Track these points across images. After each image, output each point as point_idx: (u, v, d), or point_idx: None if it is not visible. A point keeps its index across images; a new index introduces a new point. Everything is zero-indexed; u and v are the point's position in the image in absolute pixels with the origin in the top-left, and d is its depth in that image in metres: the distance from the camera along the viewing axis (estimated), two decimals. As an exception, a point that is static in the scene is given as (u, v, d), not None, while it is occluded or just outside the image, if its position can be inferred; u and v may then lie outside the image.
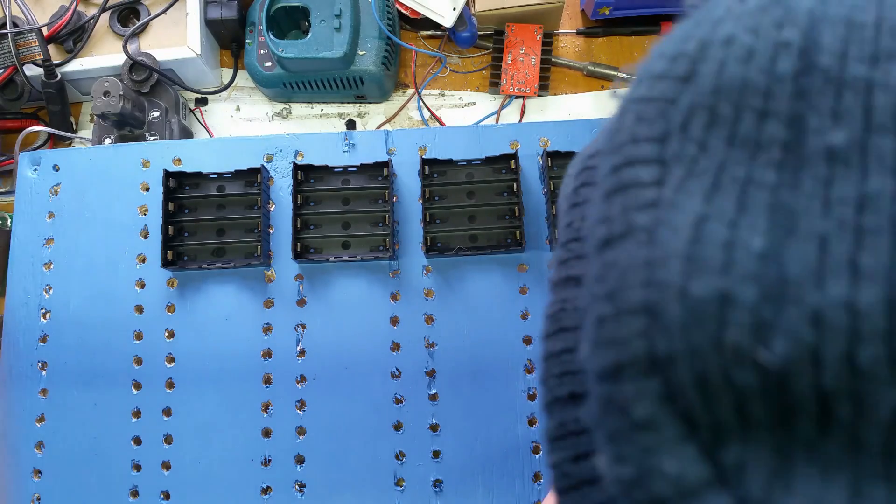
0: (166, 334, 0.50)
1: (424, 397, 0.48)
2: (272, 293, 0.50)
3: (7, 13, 0.60)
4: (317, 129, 0.65)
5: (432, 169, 0.52)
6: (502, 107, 0.64)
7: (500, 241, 0.50)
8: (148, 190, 0.53)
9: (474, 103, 0.65)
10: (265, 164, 0.53)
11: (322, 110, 0.66)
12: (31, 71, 0.61)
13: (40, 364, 0.50)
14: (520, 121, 0.64)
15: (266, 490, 0.47)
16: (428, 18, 0.62)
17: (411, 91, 0.65)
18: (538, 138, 0.52)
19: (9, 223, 0.60)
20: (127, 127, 0.59)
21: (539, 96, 0.64)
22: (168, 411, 0.49)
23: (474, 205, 0.51)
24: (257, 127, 0.66)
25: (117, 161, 0.54)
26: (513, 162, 0.50)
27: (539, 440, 0.47)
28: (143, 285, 0.51)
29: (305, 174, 0.51)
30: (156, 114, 0.60)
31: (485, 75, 0.65)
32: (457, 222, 0.51)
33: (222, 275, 0.51)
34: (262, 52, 0.62)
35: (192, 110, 0.66)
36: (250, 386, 0.49)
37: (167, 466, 0.48)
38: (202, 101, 0.66)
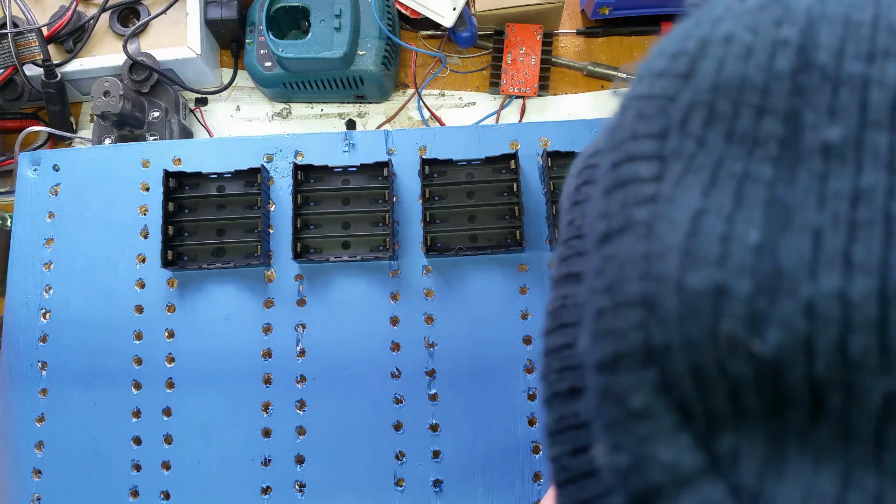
0: (166, 334, 0.50)
1: (424, 397, 0.48)
2: (272, 293, 0.50)
3: (7, 13, 0.60)
4: (317, 129, 0.65)
5: (432, 169, 0.52)
6: (502, 107, 0.64)
7: (500, 241, 0.50)
8: (148, 190, 0.53)
9: (474, 103, 0.65)
10: (265, 164, 0.53)
11: (322, 110, 0.66)
12: (31, 71, 0.61)
13: (40, 364, 0.50)
14: (520, 121, 0.64)
15: (266, 490, 0.47)
16: (428, 18, 0.62)
17: (411, 91, 0.65)
18: (538, 138, 0.52)
19: (9, 223, 0.60)
20: (127, 127, 0.59)
21: (539, 96, 0.64)
22: (168, 411, 0.49)
23: (474, 205, 0.51)
24: (257, 127, 0.66)
25: (117, 161, 0.54)
26: (513, 162, 0.50)
27: (539, 440, 0.47)
28: (143, 285, 0.51)
29: (305, 174, 0.51)
30: (156, 114, 0.60)
31: (485, 75, 0.65)
32: (457, 222, 0.51)
33: (222, 275, 0.51)
34: (262, 52, 0.62)
35: (192, 110, 0.66)
36: (250, 386, 0.49)
37: (167, 466, 0.48)
38: (202, 101, 0.66)
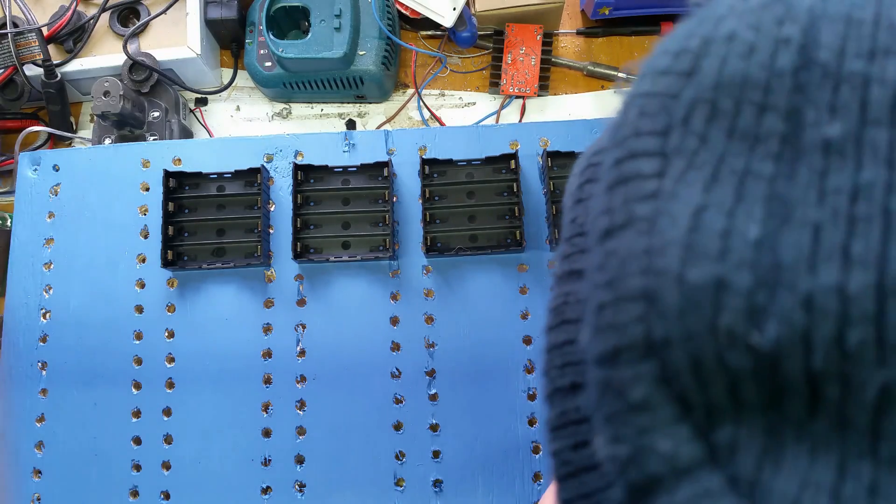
0: (166, 334, 0.50)
1: (424, 397, 0.48)
2: (272, 293, 0.50)
3: (7, 13, 0.60)
4: (317, 129, 0.65)
5: (432, 169, 0.52)
6: (502, 107, 0.64)
7: (500, 241, 0.50)
8: (148, 190, 0.53)
9: (474, 103, 0.65)
10: (265, 164, 0.53)
11: (322, 110, 0.66)
12: (31, 71, 0.61)
13: (40, 364, 0.50)
14: (520, 121, 0.64)
15: (266, 490, 0.47)
16: (428, 18, 0.62)
17: (411, 91, 0.65)
18: (538, 138, 0.52)
19: (9, 223, 0.60)
20: (127, 127, 0.59)
21: (539, 96, 0.64)
22: (168, 411, 0.49)
23: (474, 205, 0.51)
24: (257, 127, 0.66)
25: (117, 161, 0.54)
26: (513, 162, 0.50)
27: (539, 440, 0.47)
28: (143, 285, 0.51)
29: (305, 174, 0.51)
30: (156, 114, 0.60)
31: (485, 75, 0.65)
32: (457, 222, 0.51)
33: (222, 275, 0.51)
34: (262, 52, 0.62)
35: (192, 110, 0.66)
36: (250, 386, 0.49)
37: (167, 466, 0.48)
38: (202, 101, 0.66)
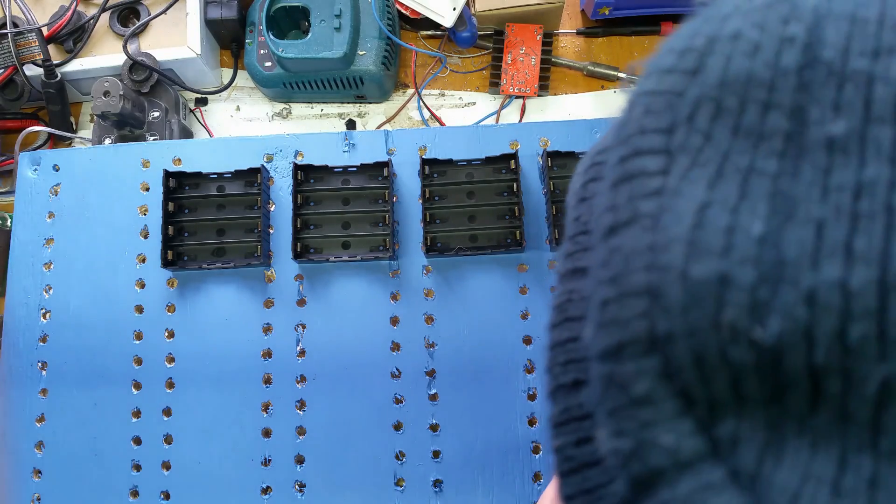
0: (166, 334, 0.50)
1: (424, 397, 0.48)
2: (272, 293, 0.50)
3: (7, 13, 0.60)
4: (317, 129, 0.65)
5: (432, 169, 0.52)
6: (502, 107, 0.64)
7: (500, 241, 0.50)
8: (148, 190, 0.53)
9: (474, 103, 0.65)
10: (265, 164, 0.53)
11: (322, 110, 0.66)
12: (31, 71, 0.61)
13: (40, 364, 0.50)
14: (520, 121, 0.64)
15: (266, 490, 0.47)
16: (428, 18, 0.62)
17: (411, 91, 0.65)
18: (538, 138, 0.52)
19: (9, 223, 0.60)
20: (127, 127, 0.59)
21: (539, 96, 0.64)
22: (168, 411, 0.49)
23: (474, 205, 0.51)
24: (257, 127, 0.66)
25: (117, 161, 0.54)
26: (513, 162, 0.50)
27: (539, 440, 0.47)
28: (143, 285, 0.51)
29: (305, 174, 0.51)
30: (156, 114, 0.60)
31: (485, 75, 0.65)
32: (457, 222, 0.51)
33: (222, 275, 0.51)
34: (262, 52, 0.62)
35: (192, 110, 0.66)
36: (250, 386, 0.49)
37: (167, 466, 0.48)
38: (202, 101, 0.66)
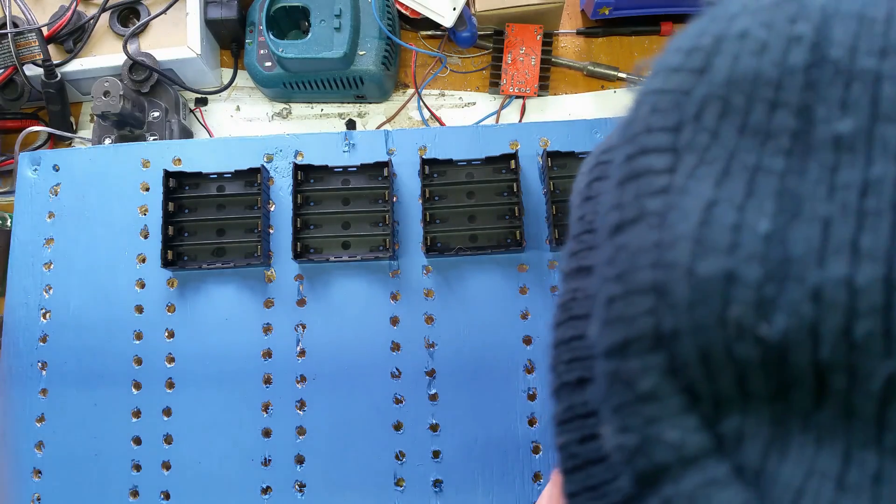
0: (166, 334, 0.50)
1: (424, 397, 0.48)
2: (272, 293, 0.50)
3: (7, 13, 0.60)
4: (317, 129, 0.65)
5: (432, 169, 0.52)
6: (502, 107, 0.64)
7: (500, 241, 0.50)
8: (148, 190, 0.53)
9: (474, 103, 0.65)
10: (265, 164, 0.53)
11: (322, 110, 0.66)
12: (31, 71, 0.61)
13: (40, 364, 0.50)
14: (520, 121, 0.64)
15: (266, 490, 0.47)
16: (428, 18, 0.62)
17: (411, 91, 0.65)
18: (538, 138, 0.52)
19: (9, 223, 0.60)
20: (127, 127, 0.59)
21: (539, 96, 0.64)
22: (168, 411, 0.49)
23: (474, 205, 0.51)
24: (257, 127, 0.66)
25: (117, 161, 0.54)
26: (513, 162, 0.50)
27: (539, 440, 0.47)
28: (143, 285, 0.51)
29: (305, 174, 0.51)
30: (156, 114, 0.60)
31: (485, 75, 0.65)
32: (457, 222, 0.51)
33: (222, 275, 0.51)
34: (262, 52, 0.62)
35: (192, 110, 0.66)
36: (250, 386, 0.49)
37: (167, 466, 0.48)
38: (202, 101, 0.66)
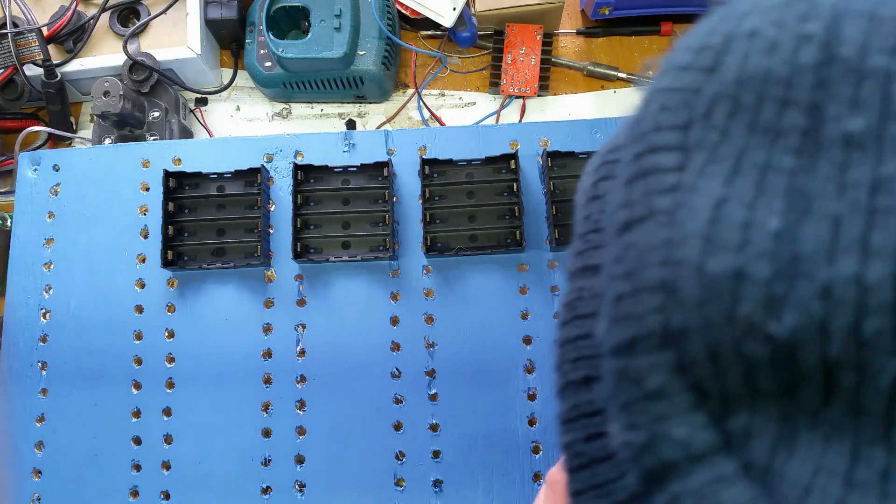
0: (166, 334, 0.50)
1: (424, 397, 0.48)
2: (272, 293, 0.50)
3: (7, 13, 0.60)
4: (317, 129, 0.65)
5: (432, 169, 0.52)
6: (502, 107, 0.64)
7: (500, 241, 0.50)
8: (148, 190, 0.53)
9: (474, 103, 0.65)
10: (265, 164, 0.53)
11: (322, 110, 0.66)
12: (31, 71, 0.61)
13: (40, 364, 0.50)
14: (520, 121, 0.64)
15: (266, 490, 0.47)
16: (428, 18, 0.62)
17: (411, 91, 0.65)
18: (538, 138, 0.52)
19: (9, 223, 0.60)
20: (127, 127, 0.59)
21: (539, 96, 0.64)
22: (168, 411, 0.49)
23: (474, 205, 0.51)
24: (257, 127, 0.66)
25: (117, 161, 0.54)
26: (513, 162, 0.50)
27: (539, 440, 0.47)
28: (143, 285, 0.51)
29: (305, 174, 0.51)
30: (156, 114, 0.60)
31: (485, 75, 0.65)
32: (457, 222, 0.51)
33: (222, 275, 0.51)
34: (262, 52, 0.62)
35: (192, 110, 0.66)
36: (250, 386, 0.49)
37: (167, 466, 0.48)
38: (202, 101, 0.66)
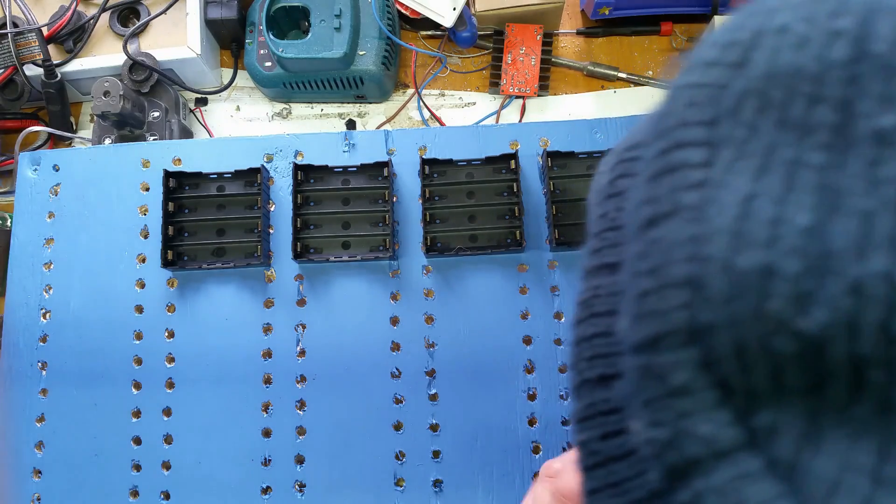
0: (166, 334, 0.50)
1: (424, 397, 0.48)
2: (272, 293, 0.50)
3: (7, 13, 0.60)
4: (317, 129, 0.65)
5: (432, 169, 0.52)
6: (502, 107, 0.64)
7: (500, 241, 0.50)
8: (148, 190, 0.53)
9: (474, 103, 0.65)
10: (265, 164, 0.53)
11: (322, 110, 0.66)
12: (31, 71, 0.61)
13: (40, 364, 0.50)
14: (520, 121, 0.64)
15: (266, 490, 0.47)
16: (428, 18, 0.62)
17: (411, 91, 0.65)
18: (538, 138, 0.52)
19: (9, 223, 0.60)
20: (127, 127, 0.59)
21: (539, 96, 0.64)
22: (168, 411, 0.49)
23: (474, 205, 0.51)
24: (257, 127, 0.66)
25: (117, 161, 0.54)
26: (513, 162, 0.50)
27: (539, 440, 0.47)
28: (143, 285, 0.51)
29: (305, 174, 0.51)
30: (156, 114, 0.60)
31: (485, 75, 0.65)
32: (457, 222, 0.51)
33: (222, 275, 0.51)
34: (262, 52, 0.62)
35: (192, 110, 0.66)
36: (250, 386, 0.49)
37: (167, 466, 0.48)
38: (202, 101, 0.66)
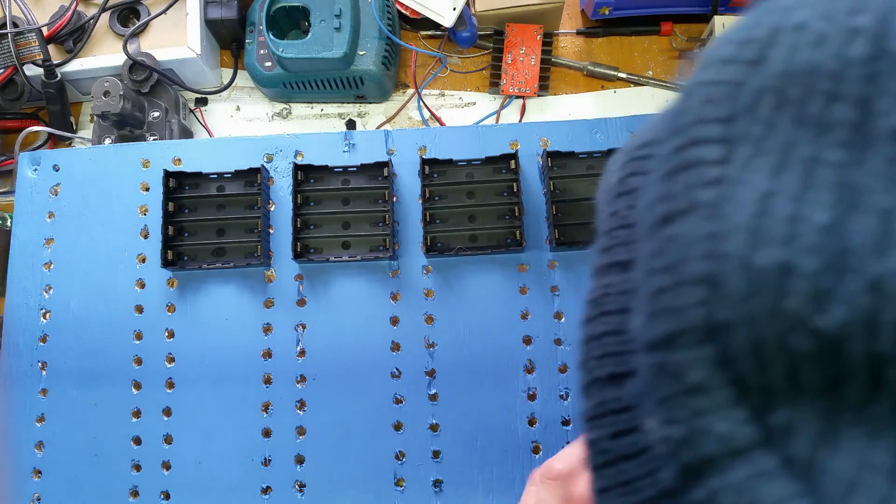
0: (166, 334, 0.50)
1: (424, 397, 0.48)
2: (272, 293, 0.50)
3: (7, 13, 0.60)
4: (317, 129, 0.65)
5: (432, 169, 0.52)
6: (502, 107, 0.64)
7: (500, 241, 0.50)
8: (148, 190, 0.53)
9: (474, 103, 0.65)
10: (265, 164, 0.53)
11: (322, 110, 0.66)
12: (31, 71, 0.61)
13: (40, 364, 0.50)
14: (520, 121, 0.64)
15: (266, 490, 0.47)
16: (428, 18, 0.62)
17: (411, 91, 0.65)
18: (538, 138, 0.52)
19: (9, 223, 0.60)
20: (127, 127, 0.59)
21: (539, 96, 0.64)
22: (168, 411, 0.49)
23: (474, 205, 0.51)
24: (257, 127, 0.66)
25: (117, 161, 0.54)
26: (513, 162, 0.50)
27: (539, 440, 0.47)
28: (143, 285, 0.51)
29: (305, 174, 0.51)
30: (156, 114, 0.60)
31: (485, 75, 0.65)
32: (457, 222, 0.51)
33: (222, 275, 0.51)
34: (262, 52, 0.62)
35: (192, 110, 0.66)
36: (250, 386, 0.49)
37: (167, 466, 0.48)
38: (202, 101, 0.66)
